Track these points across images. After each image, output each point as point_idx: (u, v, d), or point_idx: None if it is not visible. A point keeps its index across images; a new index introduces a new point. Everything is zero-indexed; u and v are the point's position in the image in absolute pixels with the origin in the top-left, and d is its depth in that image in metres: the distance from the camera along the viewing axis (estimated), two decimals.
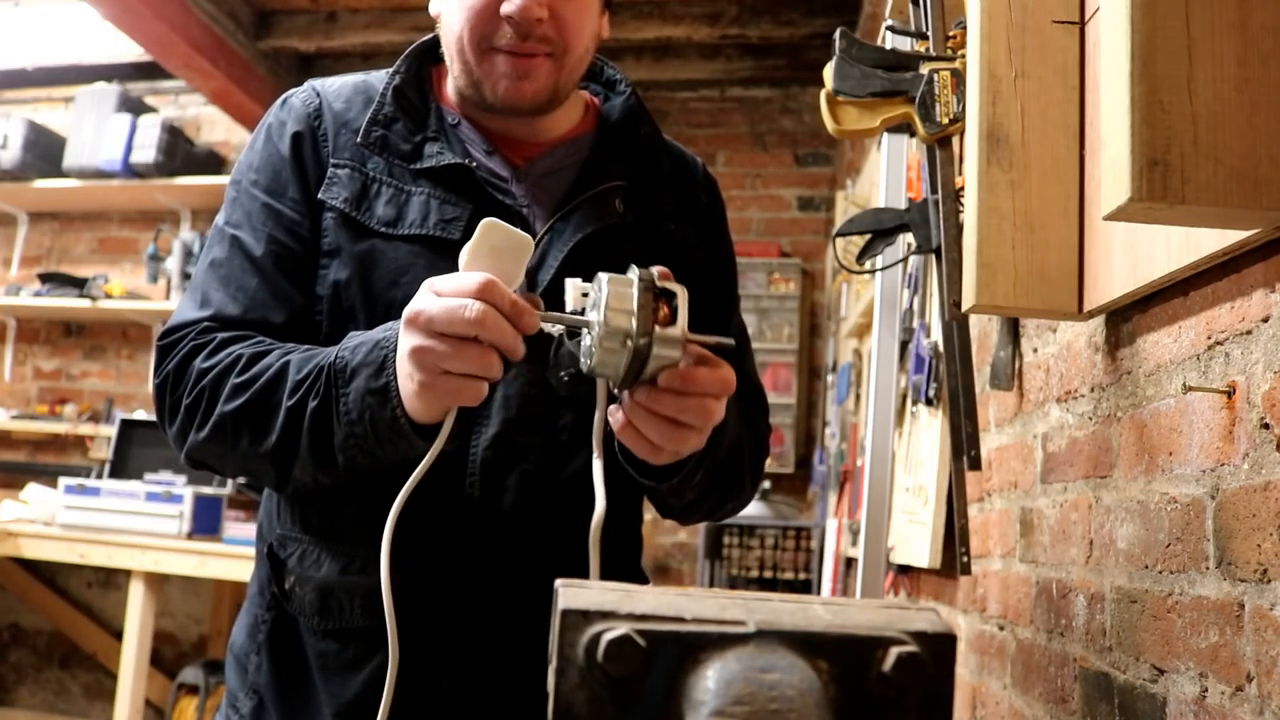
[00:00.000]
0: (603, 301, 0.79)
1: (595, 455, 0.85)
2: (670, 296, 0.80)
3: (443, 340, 0.81)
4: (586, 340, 0.81)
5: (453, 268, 1.00)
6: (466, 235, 1.02)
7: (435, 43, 1.13)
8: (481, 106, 1.07)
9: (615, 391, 0.85)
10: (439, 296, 0.82)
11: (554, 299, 1.02)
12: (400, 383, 0.86)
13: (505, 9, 0.99)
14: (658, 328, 0.78)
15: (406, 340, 0.83)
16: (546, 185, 1.08)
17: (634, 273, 0.79)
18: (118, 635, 3.45)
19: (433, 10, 1.09)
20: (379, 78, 1.10)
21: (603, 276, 0.80)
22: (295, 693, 1.02)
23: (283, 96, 1.11)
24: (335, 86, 1.10)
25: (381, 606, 0.96)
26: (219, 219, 1.07)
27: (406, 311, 0.83)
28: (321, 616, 1.00)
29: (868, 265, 1.45)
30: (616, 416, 0.85)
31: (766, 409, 1.20)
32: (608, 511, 1.10)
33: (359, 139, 1.05)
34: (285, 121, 1.07)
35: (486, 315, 0.80)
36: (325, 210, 1.03)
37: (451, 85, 1.11)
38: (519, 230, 0.84)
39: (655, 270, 0.80)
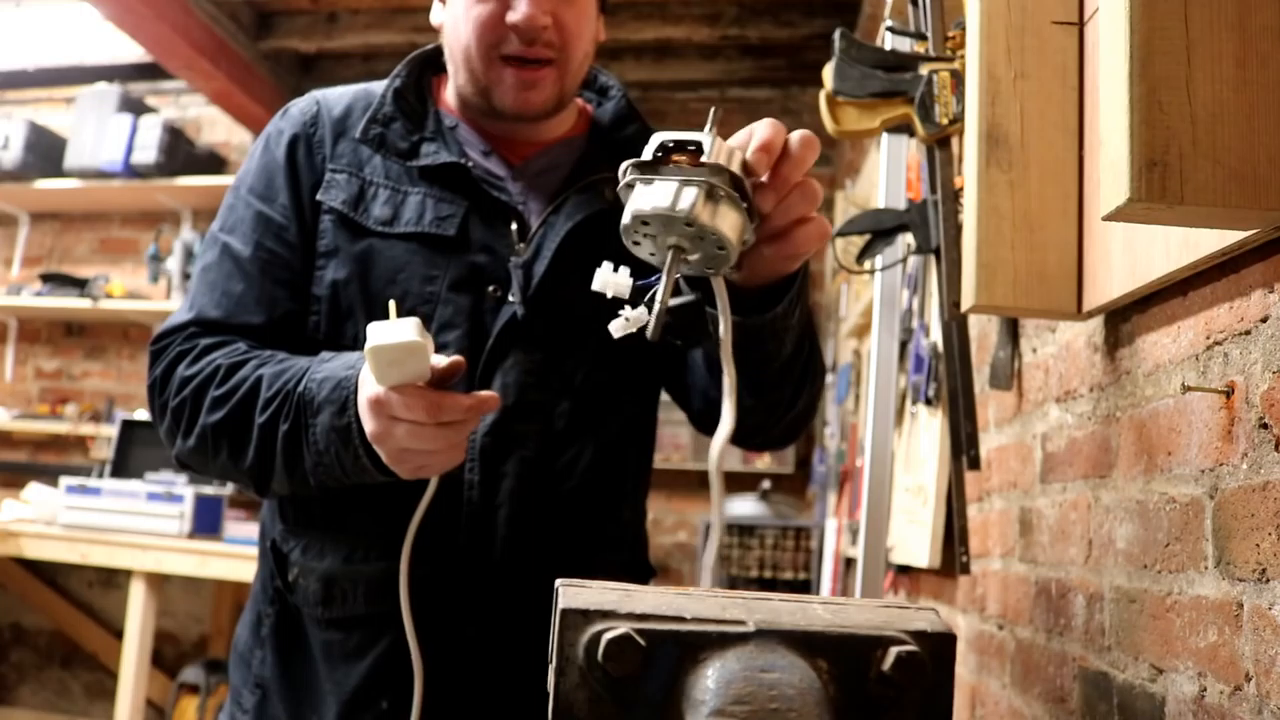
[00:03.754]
0: (665, 206, 0.68)
1: (726, 369, 0.74)
2: (673, 149, 0.70)
3: (410, 451, 0.85)
4: (692, 260, 0.72)
5: (447, 264, 1.02)
6: (461, 232, 1.04)
7: (436, 52, 1.16)
8: (488, 114, 1.10)
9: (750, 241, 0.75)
10: (393, 420, 0.84)
11: (551, 291, 1.04)
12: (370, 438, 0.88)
13: (511, 18, 1.02)
14: (700, 164, 0.69)
15: (376, 442, 0.87)
16: (541, 182, 1.11)
17: (627, 186, 0.71)
18: (119, 635, 3.45)
19: (435, 21, 1.12)
20: (381, 84, 1.13)
21: (635, 192, 0.70)
22: (300, 684, 1.04)
23: (285, 106, 1.14)
24: (336, 94, 1.13)
25: (384, 593, 0.98)
26: (214, 225, 1.10)
27: (366, 428, 0.86)
28: (325, 606, 1.02)
29: (867, 265, 1.45)
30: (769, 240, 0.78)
31: None
32: (611, 511, 1.11)
33: (357, 135, 1.08)
34: (283, 130, 1.10)
35: (446, 437, 0.84)
36: (323, 212, 1.06)
37: (453, 91, 1.14)
38: (403, 334, 0.81)
39: (628, 166, 0.71)
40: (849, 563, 2.86)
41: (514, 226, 1.06)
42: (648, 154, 0.71)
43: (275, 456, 0.95)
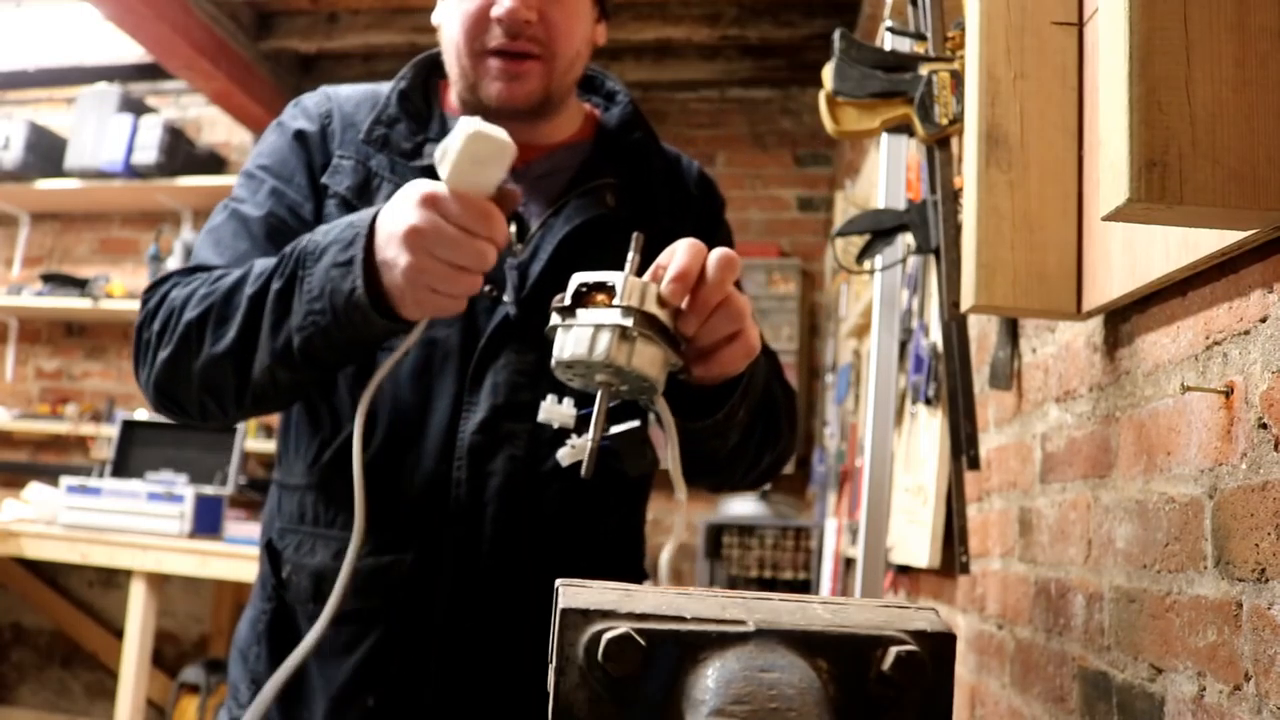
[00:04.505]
0: (582, 353, 0.73)
1: (676, 487, 0.81)
2: (591, 290, 0.74)
3: (440, 262, 0.81)
4: (623, 391, 0.76)
5: None
6: None
7: (441, 55, 1.16)
8: (479, 110, 1.10)
9: (678, 367, 0.79)
10: (443, 220, 0.80)
11: (546, 292, 1.04)
12: (385, 261, 0.84)
13: (495, 11, 1.04)
14: (612, 306, 0.73)
15: (401, 249, 0.82)
16: (543, 185, 1.11)
17: (554, 319, 0.75)
18: (119, 635, 3.45)
19: (435, 21, 1.13)
20: (388, 85, 1.14)
21: (558, 340, 0.75)
22: (293, 680, 1.05)
23: (296, 99, 1.16)
24: (346, 92, 1.15)
25: (372, 589, 0.99)
26: (225, 200, 1.11)
27: (405, 223, 0.81)
28: (315, 602, 1.03)
29: (867, 265, 1.45)
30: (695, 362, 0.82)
31: (781, 367, 1.19)
32: (602, 514, 1.12)
33: (362, 136, 1.09)
34: (297, 117, 1.12)
35: (482, 256, 0.81)
36: (328, 196, 1.07)
37: (454, 92, 1.13)
38: (501, 135, 0.80)
39: (559, 296, 0.76)
40: (849, 563, 2.87)
41: (513, 228, 1.06)
42: (568, 297, 0.75)
43: (262, 322, 0.91)
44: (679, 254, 0.77)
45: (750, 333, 0.82)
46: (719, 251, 0.78)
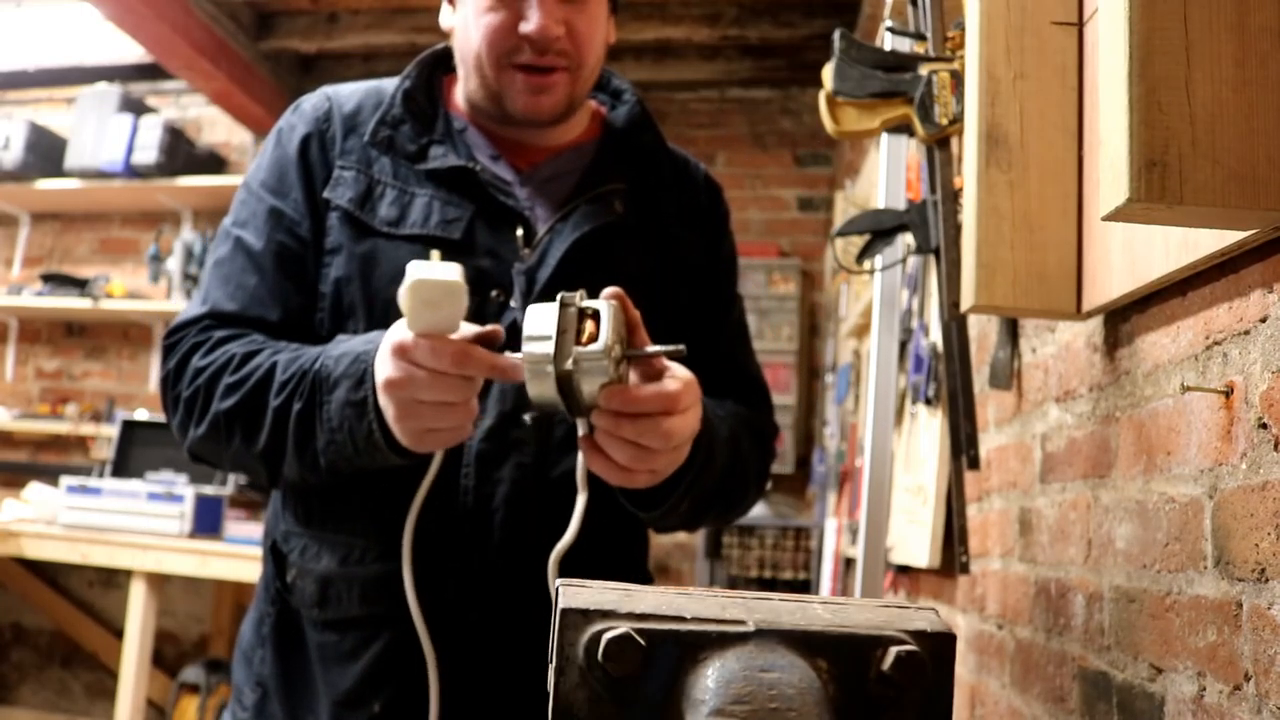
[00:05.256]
0: (522, 332, 0.79)
1: (580, 490, 0.87)
2: (596, 315, 0.79)
3: (423, 404, 0.85)
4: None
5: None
6: (467, 235, 1.04)
7: (446, 52, 1.15)
8: (499, 118, 1.10)
9: (574, 420, 0.86)
10: (415, 367, 0.84)
11: (554, 298, 1.04)
12: (382, 407, 0.88)
13: (524, 28, 1.02)
14: (580, 348, 0.77)
15: (386, 399, 0.86)
16: (549, 189, 1.10)
17: (559, 298, 0.79)
18: (119, 635, 3.45)
19: (444, 24, 1.12)
20: (391, 83, 1.13)
21: (529, 308, 0.81)
22: (298, 683, 1.04)
23: (296, 102, 1.14)
24: (348, 91, 1.13)
25: (378, 595, 0.99)
26: (226, 220, 1.10)
27: (382, 375, 0.86)
28: (321, 607, 1.02)
29: (867, 265, 1.45)
30: (586, 446, 0.87)
31: (770, 404, 1.20)
32: (612, 511, 1.12)
33: (366, 138, 1.08)
34: (295, 125, 1.10)
35: (463, 392, 0.85)
36: (330, 209, 1.06)
37: (462, 94, 1.13)
38: (446, 274, 0.82)
39: (581, 293, 0.80)
40: (849, 563, 2.87)
41: (520, 232, 1.06)
42: (576, 301, 0.80)
43: (287, 438, 0.94)
44: (650, 389, 0.83)
45: (665, 460, 0.88)
46: (673, 410, 0.84)
